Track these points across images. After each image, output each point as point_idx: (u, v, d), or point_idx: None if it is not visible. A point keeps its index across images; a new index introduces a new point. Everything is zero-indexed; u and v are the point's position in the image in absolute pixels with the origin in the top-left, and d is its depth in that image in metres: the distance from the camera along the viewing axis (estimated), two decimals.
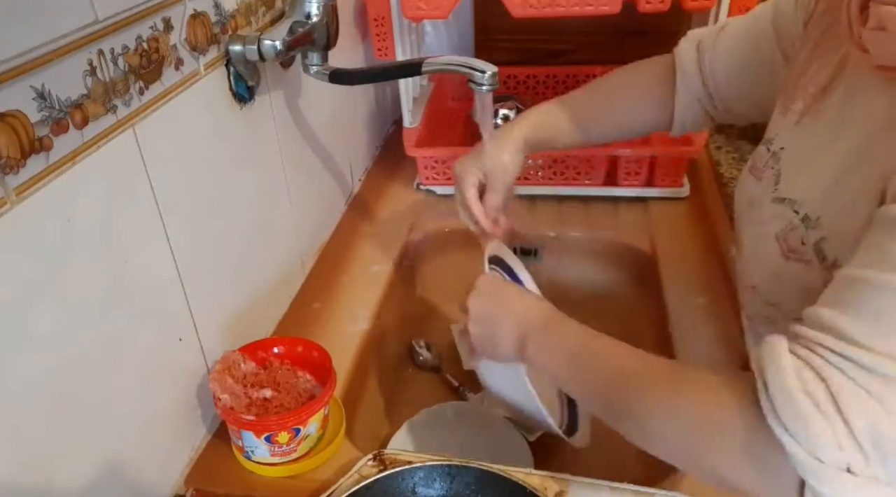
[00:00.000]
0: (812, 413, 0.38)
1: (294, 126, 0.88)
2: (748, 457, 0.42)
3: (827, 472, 0.38)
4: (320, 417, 0.66)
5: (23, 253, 0.45)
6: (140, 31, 0.55)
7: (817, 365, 0.39)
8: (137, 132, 0.56)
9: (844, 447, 0.37)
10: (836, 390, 0.38)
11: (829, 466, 0.38)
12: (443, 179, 1.10)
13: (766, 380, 0.41)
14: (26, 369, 0.46)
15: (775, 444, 0.40)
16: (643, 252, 0.97)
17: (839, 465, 0.38)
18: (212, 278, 0.69)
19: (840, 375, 0.38)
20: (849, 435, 0.37)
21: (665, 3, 0.87)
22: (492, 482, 0.60)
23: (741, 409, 0.42)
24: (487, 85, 0.66)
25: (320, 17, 0.76)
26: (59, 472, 0.51)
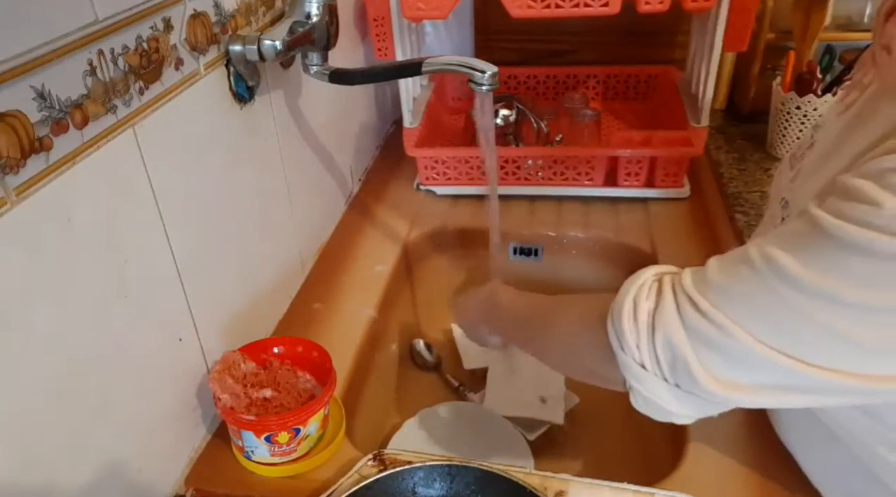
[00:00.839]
0: (628, 317, 0.48)
1: (294, 126, 0.88)
2: (601, 353, 0.51)
3: (628, 362, 0.48)
4: (320, 417, 0.66)
5: (23, 253, 0.45)
6: (140, 31, 0.55)
7: (665, 289, 0.48)
8: (137, 132, 0.56)
9: (641, 348, 0.47)
10: (660, 306, 0.47)
11: (629, 358, 0.48)
12: (443, 179, 1.10)
13: (620, 289, 0.51)
14: (26, 369, 0.46)
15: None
16: (643, 252, 0.97)
17: (636, 359, 0.48)
18: (212, 278, 0.69)
19: (671, 299, 0.47)
20: (648, 341, 0.47)
21: (664, 4, 0.87)
22: (492, 482, 0.60)
23: (600, 318, 0.52)
24: (487, 85, 0.66)
25: (320, 17, 0.76)
26: (59, 472, 0.51)
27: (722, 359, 0.45)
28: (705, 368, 0.45)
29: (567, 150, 1.06)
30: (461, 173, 1.09)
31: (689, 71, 1.13)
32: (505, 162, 1.06)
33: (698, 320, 0.45)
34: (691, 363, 0.45)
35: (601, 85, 1.33)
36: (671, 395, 0.48)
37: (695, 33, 1.10)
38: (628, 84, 1.32)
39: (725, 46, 0.95)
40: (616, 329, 0.49)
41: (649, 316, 0.47)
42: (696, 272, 0.48)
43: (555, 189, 1.08)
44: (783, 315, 0.42)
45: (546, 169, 1.06)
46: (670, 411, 0.49)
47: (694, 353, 0.45)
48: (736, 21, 0.93)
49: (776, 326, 0.43)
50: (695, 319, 0.45)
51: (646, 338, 0.47)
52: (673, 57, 1.31)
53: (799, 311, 0.41)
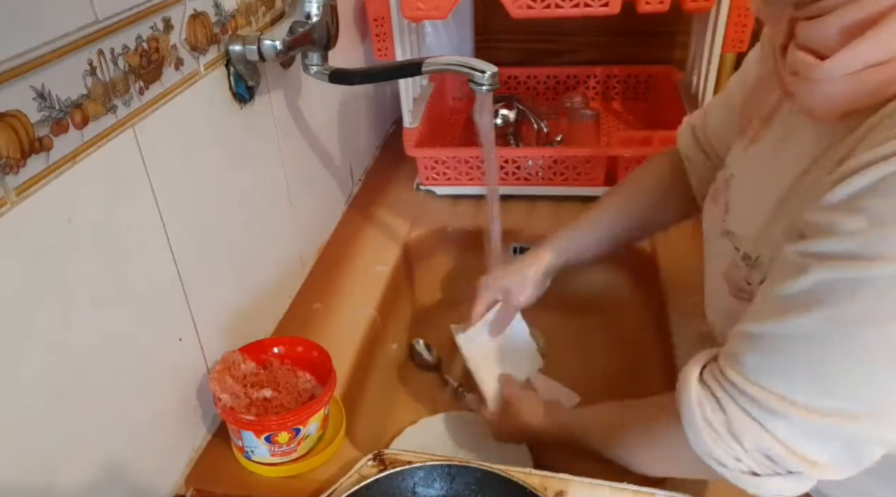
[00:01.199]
0: (711, 438, 0.48)
1: (294, 126, 0.88)
2: (697, 462, 0.51)
3: (736, 475, 0.49)
4: (320, 417, 0.66)
5: (23, 253, 0.45)
6: (140, 31, 0.55)
7: (719, 395, 0.48)
8: (137, 132, 0.56)
9: (741, 459, 0.48)
10: (729, 417, 0.47)
11: (735, 472, 0.49)
12: (443, 179, 1.10)
13: (679, 408, 0.51)
14: (26, 369, 0.46)
15: None
16: (643, 252, 0.97)
17: (743, 470, 0.48)
18: (212, 278, 0.69)
19: (734, 405, 0.47)
20: (741, 450, 0.47)
21: (664, 4, 0.87)
22: (492, 482, 0.60)
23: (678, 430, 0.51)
24: (487, 85, 0.66)
25: (320, 17, 0.76)
26: (59, 472, 0.51)
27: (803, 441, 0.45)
28: (796, 455, 0.46)
29: (567, 150, 1.06)
30: (461, 173, 1.09)
31: (689, 71, 1.13)
32: (505, 162, 1.06)
33: (767, 415, 0.46)
34: (786, 455, 0.46)
35: (601, 85, 1.33)
36: (789, 481, 0.48)
37: (695, 33, 1.10)
38: (628, 84, 1.32)
39: (725, 47, 0.95)
40: (708, 453, 0.49)
41: (727, 429, 0.48)
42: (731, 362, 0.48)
43: (555, 189, 1.08)
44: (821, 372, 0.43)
45: (546, 169, 1.06)
46: (792, 491, 0.49)
47: (782, 445, 0.46)
48: (736, 21, 0.93)
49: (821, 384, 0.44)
50: (764, 415, 0.46)
51: (740, 450, 0.48)
52: (673, 57, 1.31)
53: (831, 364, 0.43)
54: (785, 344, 0.44)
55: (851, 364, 0.42)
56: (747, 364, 0.47)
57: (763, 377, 0.46)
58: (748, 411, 0.47)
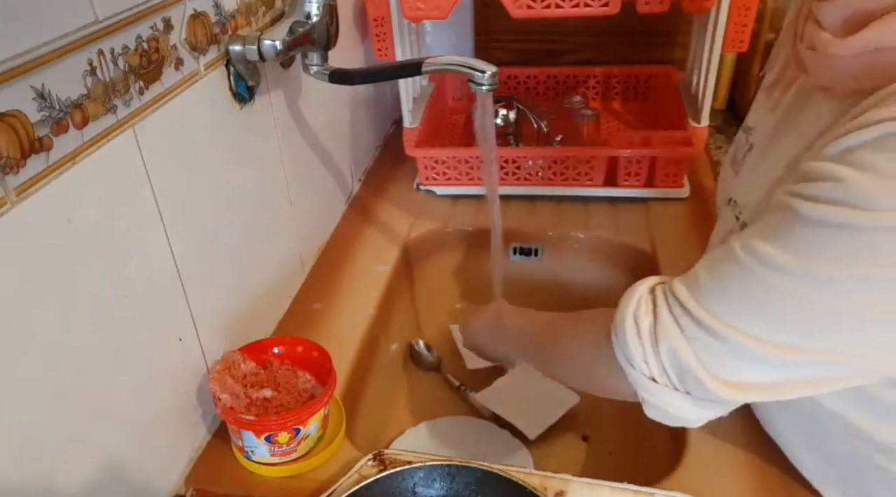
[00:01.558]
0: (632, 334, 0.49)
1: (294, 126, 0.88)
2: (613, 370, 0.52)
3: (637, 376, 0.50)
4: (320, 417, 0.66)
5: (23, 253, 0.45)
6: (140, 31, 0.55)
7: (659, 302, 0.49)
8: (137, 132, 0.56)
9: (648, 362, 0.49)
10: (658, 321, 0.48)
11: (639, 373, 0.50)
12: (443, 179, 1.10)
13: (618, 306, 0.52)
14: (26, 369, 0.46)
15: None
16: (643, 252, 0.97)
17: (645, 373, 0.49)
18: (212, 278, 0.69)
19: (667, 312, 0.48)
20: (654, 354, 0.48)
21: (664, 4, 0.87)
22: (492, 482, 0.60)
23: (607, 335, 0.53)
24: (487, 85, 0.66)
25: (320, 17, 0.76)
26: (59, 472, 0.51)
27: (725, 362, 0.46)
28: (711, 374, 0.46)
29: (567, 150, 1.06)
30: (461, 173, 1.09)
31: (689, 71, 1.13)
32: (505, 162, 1.06)
33: (696, 329, 0.46)
34: (697, 371, 0.46)
35: (601, 85, 1.33)
36: (684, 402, 0.49)
37: (695, 33, 1.10)
38: (628, 84, 1.32)
39: (725, 47, 0.95)
40: (621, 347, 0.51)
41: (651, 330, 0.49)
42: (686, 279, 0.49)
43: (555, 189, 1.08)
44: (775, 303, 0.43)
45: (546, 169, 1.06)
46: (684, 418, 0.50)
47: (698, 361, 0.46)
48: (736, 21, 0.93)
49: (771, 317, 0.44)
50: (692, 329, 0.46)
51: (651, 352, 0.49)
52: (673, 57, 1.31)
53: (789, 296, 0.43)
54: (742, 270, 0.44)
55: (807, 301, 0.42)
56: (699, 283, 0.47)
57: (709, 297, 0.46)
58: (678, 320, 0.47)
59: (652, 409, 0.51)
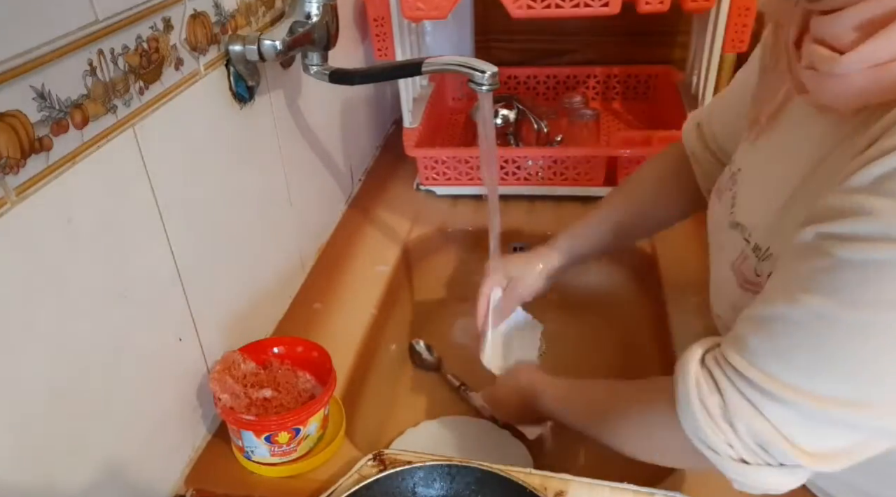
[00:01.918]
0: (705, 421, 0.47)
1: (294, 126, 0.88)
2: (685, 450, 0.50)
3: (726, 462, 0.47)
4: (320, 417, 0.66)
5: (23, 253, 0.45)
6: (140, 31, 0.55)
7: (718, 377, 0.47)
8: (137, 132, 0.56)
9: (733, 445, 0.46)
10: (726, 400, 0.46)
11: (725, 458, 0.47)
12: (443, 179, 1.10)
13: (675, 389, 0.50)
14: (26, 369, 0.46)
15: None
16: (643, 252, 0.97)
17: (733, 457, 0.47)
18: (212, 278, 0.69)
19: (732, 388, 0.46)
20: (734, 436, 0.46)
21: (664, 4, 0.87)
22: (492, 482, 0.60)
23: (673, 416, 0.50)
24: (487, 85, 0.66)
25: (320, 17, 0.76)
26: (59, 472, 0.51)
27: (803, 429, 0.44)
28: (794, 444, 0.44)
29: (567, 150, 1.06)
30: (461, 173, 1.09)
31: (689, 71, 1.13)
32: (505, 162, 1.06)
33: (766, 400, 0.44)
34: (780, 443, 0.44)
35: (601, 85, 1.33)
36: (778, 475, 0.47)
37: (695, 33, 1.10)
38: (628, 84, 1.32)
39: (725, 47, 0.95)
40: (699, 436, 0.48)
41: (723, 413, 0.46)
42: (736, 345, 0.46)
43: (555, 189, 1.08)
44: (837, 357, 0.41)
45: (546, 169, 1.06)
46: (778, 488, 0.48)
47: (778, 432, 0.44)
48: (736, 21, 0.93)
49: (836, 372, 0.42)
50: (762, 400, 0.44)
51: (732, 435, 0.46)
52: (673, 57, 1.31)
53: (843, 347, 0.41)
54: (794, 327, 0.42)
55: (866, 350, 0.40)
56: (751, 347, 0.45)
57: (766, 361, 0.44)
58: (745, 395, 0.45)
59: (745, 486, 0.49)
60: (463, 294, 1.08)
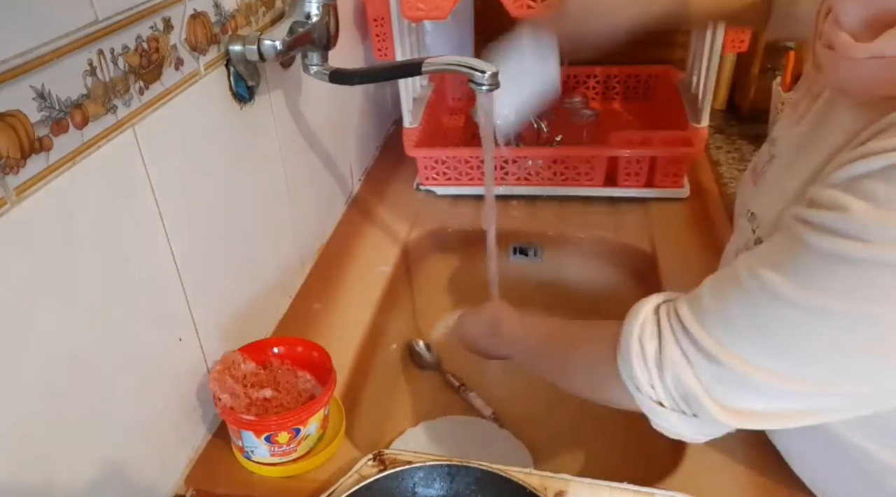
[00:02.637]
0: (637, 359, 0.49)
1: (294, 126, 0.88)
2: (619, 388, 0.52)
3: (644, 400, 0.50)
4: (320, 417, 0.66)
5: (23, 253, 0.45)
6: (140, 31, 0.55)
7: (663, 325, 0.49)
8: (137, 132, 0.56)
9: (655, 387, 0.49)
10: (663, 346, 0.48)
11: (645, 397, 0.50)
12: (443, 180, 1.10)
13: (622, 326, 0.52)
14: (26, 369, 0.46)
15: None
16: (643, 252, 0.97)
17: (652, 398, 0.50)
18: (212, 278, 0.69)
19: (672, 337, 0.48)
20: (659, 381, 0.48)
21: None
22: (492, 482, 0.60)
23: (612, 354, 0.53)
24: (487, 85, 0.66)
25: (320, 17, 0.76)
26: (59, 472, 0.51)
27: (729, 390, 0.46)
28: (715, 401, 0.46)
29: (567, 150, 1.06)
30: (461, 173, 1.09)
31: (689, 71, 1.13)
32: (505, 162, 1.06)
33: (700, 357, 0.46)
34: (702, 398, 0.46)
35: (601, 85, 1.33)
36: (688, 424, 0.50)
37: (695, 33, 1.10)
38: (628, 84, 1.32)
39: (725, 47, 0.95)
40: (627, 371, 0.51)
41: (656, 357, 0.49)
42: (691, 301, 0.49)
43: (555, 189, 1.08)
44: (778, 334, 0.43)
45: (546, 169, 1.06)
46: (685, 435, 0.51)
47: (703, 388, 0.47)
48: None
49: (774, 347, 0.43)
50: (696, 356, 0.47)
51: (657, 378, 0.49)
52: (673, 57, 1.31)
53: (792, 328, 0.42)
54: (746, 296, 0.44)
55: (807, 331, 0.42)
56: (703, 306, 0.47)
57: (713, 322, 0.46)
58: (682, 347, 0.47)
59: (657, 425, 0.52)
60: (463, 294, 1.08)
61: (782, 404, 0.46)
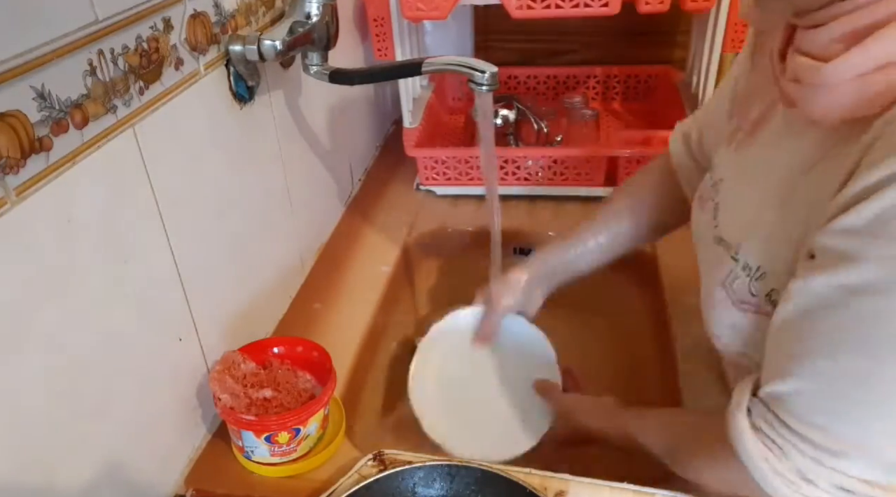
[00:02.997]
0: (784, 484, 0.46)
1: (294, 126, 0.88)
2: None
3: None
4: (320, 417, 0.66)
5: (23, 253, 0.45)
6: (140, 31, 0.55)
7: (780, 443, 0.46)
8: (137, 132, 0.56)
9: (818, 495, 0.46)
10: (799, 466, 0.46)
11: None
12: (443, 179, 1.10)
13: (741, 461, 0.48)
14: (26, 369, 0.46)
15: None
16: (643, 252, 0.97)
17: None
18: (212, 278, 0.69)
19: (798, 454, 0.46)
20: (816, 489, 0.46)
21: (664, 4, 0.87)
22: (492, 482, 0.60)
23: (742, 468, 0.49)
24: (487, 85, 0.66)
25: (320, 17, 0.76)
26: (59, 472, 0.51)
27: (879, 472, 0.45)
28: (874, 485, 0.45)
29: (567, 150, 1.06)
30: (461, 173, 1.09)
31: (689, 71, 1.13)
32: (505, 162, 1.06)
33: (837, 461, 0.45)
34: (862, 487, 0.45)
35: (601, 85, 1.33)
36: None
37: (695, 33, 1.10)
38: (628, 84, 1.32)
39: (725, 47, 0.95)
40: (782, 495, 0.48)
41: (800, 477, 0.46)
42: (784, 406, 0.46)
43: (555, 189, 1.08)
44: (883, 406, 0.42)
45: (546, 169, 1.06)
46: None
47: (863, 482, 0.45)
48: (736, 21, 0.93)
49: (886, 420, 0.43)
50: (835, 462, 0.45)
51: (815, 489, 0.46)
52: (673, 57, 1.31)
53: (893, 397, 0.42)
54: (836, 383, 0.43)
55: None
56: (799, 405, 0.45)
57: (819, 418, 0.45)
58: (815, 458, 0.45)
59: None
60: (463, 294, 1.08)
61: None
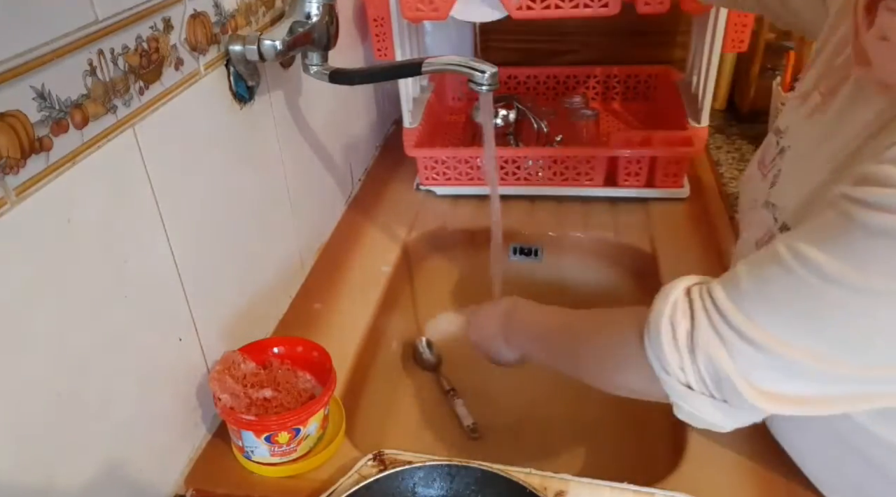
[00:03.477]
0: (667, 339, 0.47)
1: (294, 126, 0.88)
2: (643, 373, 0.50)
3: (673, 384, 0.48)
4: (320, 417, 0.66)
5: (23, 253, 0.45)
6: (140, 31, 0.55)
7: (696, 306, 0.47)
8: (137, 132, 0.56)
9: (685, 370, 0.47)
10: (696, 327, 0.46)
11: (674, 380, 0.48)
12: (443, 179, 1.10)
13: (651, 307, 0.50)
14: (26, 369, 0.46)
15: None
16: (643, 252, 0.97)
17: (681, 380, 0.48)
18: (212, 278, 0.69)
19: (706, 318, 0.46)
20: (691, 363, 0.47)
21: (664, 5, 0.87)
22: (492, 482, 0.60)
23: (637, 336, 0.51)
24: (487, 85, 0.66)
25: (320, 17, 0.76)
26: (59, 472, 0.51)
27: (766, 374, 0.44)
28: (750, 384, 0.45)
29: (567, 150, 1.06)
30: (461, 173, 1.09)
31: (689, 71, 1.13)
32: (505, 162, 1.06)
33: (736, 339, 0.44)
34: (737, 381, 0.45)
35: (601, 85, 1.33)
36: (717, 409, 0.47)
37: (695, 33, 1.10)
38: (628, 84, 1.32)
39: (725, 47, 0.95)
40: (656, 352, 0.48)
41: (688, 337, 0.47)
42: (726, 282, 0.46)
43: (555, 189, 1.08)
44: (825, 316, 0.41)
45: (546, 169, 1.06)
46: (716, 424, 0.49)
47: (738, 372, 0.45)
48: (736, 21, 0.93)
49: (815, 326, 0.42)
50: (733, 338, 0.44)
51: (689, 359, 0.47)
52: (673, 57, 1.31)
53: (841, 309, 0.40)
54: (793, 280, 0.42)
55: (862, 315, 0.40)
56: (742, 288, 0.45)
57: (753, 305, 0.44)
58: (718, 330, 0.45)
59: (683, 413, 0.50)
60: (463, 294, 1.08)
61: (819, 388, 0.44)
